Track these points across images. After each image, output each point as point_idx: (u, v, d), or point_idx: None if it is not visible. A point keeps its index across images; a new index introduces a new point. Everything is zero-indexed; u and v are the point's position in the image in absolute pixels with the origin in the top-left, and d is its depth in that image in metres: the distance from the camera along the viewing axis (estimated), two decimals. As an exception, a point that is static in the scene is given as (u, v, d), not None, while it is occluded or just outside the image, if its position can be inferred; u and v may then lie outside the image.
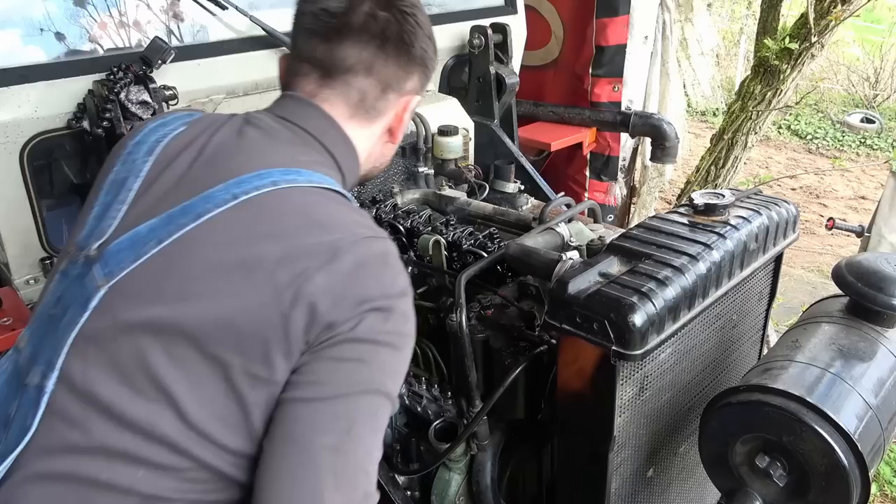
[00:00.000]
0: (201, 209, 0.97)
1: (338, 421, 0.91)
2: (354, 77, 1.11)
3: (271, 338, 0.91)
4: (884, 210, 3.12)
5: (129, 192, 1.03)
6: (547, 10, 3.68)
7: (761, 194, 1.45)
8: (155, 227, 0.98)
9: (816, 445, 1.07)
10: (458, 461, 1.58)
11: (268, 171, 1.00)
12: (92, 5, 1.82)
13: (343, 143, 1.14)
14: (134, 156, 1.07)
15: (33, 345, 1.00)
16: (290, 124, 1.10)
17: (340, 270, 0.94)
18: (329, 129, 1.12)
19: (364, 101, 1.13)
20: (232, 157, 1.04)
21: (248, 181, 0.99)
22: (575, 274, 1.20)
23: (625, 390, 1.21)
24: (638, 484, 1.38)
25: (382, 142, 1.22)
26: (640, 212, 3.98)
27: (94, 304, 0.95)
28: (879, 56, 9.48)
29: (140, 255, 0.96)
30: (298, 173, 1.03)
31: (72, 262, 1.02)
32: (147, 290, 0.95)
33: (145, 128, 1.12)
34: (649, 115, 3.45)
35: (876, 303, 1.25)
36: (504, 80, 2.48)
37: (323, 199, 1.03)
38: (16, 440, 0.92)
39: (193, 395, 0.92)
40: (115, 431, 0.91)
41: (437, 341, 1.61)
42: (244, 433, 0.94)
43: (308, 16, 1.11)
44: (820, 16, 3.21)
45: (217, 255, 0.94)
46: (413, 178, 2.09)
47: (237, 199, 0.97)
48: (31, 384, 0.95)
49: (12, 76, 1.66)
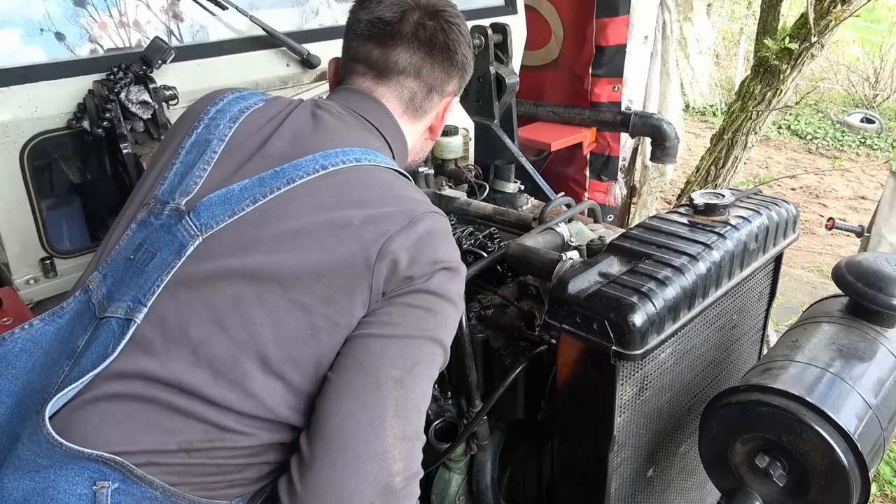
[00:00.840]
0: (293, 174, 1.08)
1: (404, 358, 1.01)
2: (406, 78, 1.25)
3: (356, 288, 1.02)
4: (884, 210, 3.12)
5: (213, 154, 1.13)
6: (547, 10, 3.68)
7: (761, 194, 1.45)
8: (248, 187, 1.08)
9: (816, 445, 1.07)
10: (458, 461, 1.58)
11: (350, 149, 1.13)
12: (92, 5, 1.82)
13: (398, 135, 1.28)
14: (218, 121, 1.17)
15: (110, 286, 1.07)
16: (355, 114, 1.22)
17: (416, 234, 1.06)
18: (388, 122, 1.25)
19: (413, 99, 1.27)
20: (313, 134, 1.15)
21: (335, 155, 1.11)
22: (575, 274, 1.20)
23: (625, 390, 1.21)
24: (638, 484, 1.38)
25: (424, 138, 1.37)
26: (641, 212, 3.98)
27: (190, 251, 1.04)
28: (879, 56, 9.49)
29: (236, 212, 1.06)
30: (375, 154, 1.15)
31: (153, 213, 1.10)
32: (244, 242, 1.04)
33: (224, 97, 1.22)
34: (649, 115, 3.45)
35: (876, 303, 1.25)
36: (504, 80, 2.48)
37: (397, 177, 1.16)
38: (93, 364, 0.99)
39: (276, 338, 1.00)
40: (193, 368, 0.99)
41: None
42: (312, 374, 1.02)
43: (364, 23, 1.24)
44: (820, 16, 3.21)
45: (309, 215, 1.05)
46: (413, 179, 2.08)
47: (326, 169, 1.09)
48: (113, 317, 1.02)
49: (12, 76, 1.66)
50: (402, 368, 1.00)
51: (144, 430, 0.97)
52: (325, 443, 0.96)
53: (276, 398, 1.01)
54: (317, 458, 0.95)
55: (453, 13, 1.28)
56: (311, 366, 1.02)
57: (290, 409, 1.02)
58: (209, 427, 0.99)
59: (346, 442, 0.95)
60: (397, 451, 0.97)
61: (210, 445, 0.99)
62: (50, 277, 1.87)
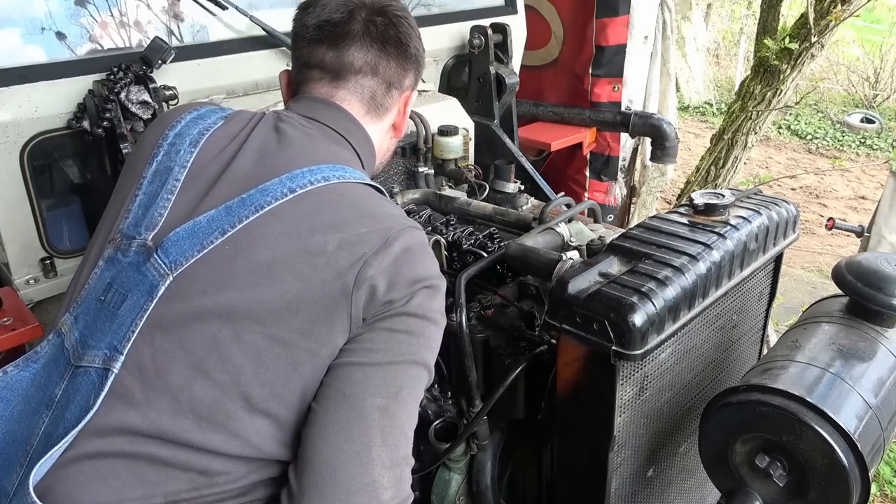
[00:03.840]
0: (261, 201, 1.05)
1: (388, 385, 0.99)
2: (363, 77, 1.22)
3: (335, 318, 1.00)
4: (884, 210, 3.12)
5: (176, 183, 1.09)
6: (547, 10, 3.68)
7: (761, 194, 1.45)
8: (215, 218, 1.04)
9: (816, 445, 1.07)
10: (458, 461, 1.58)
11: (318, 168, 1.09)
12: (92, 5, 1.82)
13: (365, 141, 1.25)
14: (178, 147, 1.13)
15: (82, 329, 1.04)
16: (319, 124, 1.19)
17: (393, 254, 1.04)
18: (354, 129, 1.23)
19: (374, 98, 1.25)
20: (278, 151, 1.12)
21: (302, 176, 1.07)
22: (575, 274, 1.20)
23: (625, 390, 1.21)
24: (638, 484, 1.38)
25: (388, 137, 1.34)
26: (641, 212, 3.98)
27: (161, 291, 1.01)
28: (879, 56, 9.48)
29: (205, 245, 1.02)
30: (343, 169, 1.12)
31: (120, 250, 1.07)
32: (216, 278, 1.01)
33: (182, 118, 1.18)
34: (649, 115, 3.45)
35: (876, 303, 1.25)
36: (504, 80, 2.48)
37: (368, 192, 1.14)
38: (76, 420, 0.96)
39: (258, 378, 0.98)
40: (175, 415, 0.97)
41: (437, 341, 1.60)
42: (297, 407, 1.01)
43: (312, 28, 1.21)
44: (820, 16, 3.21)
45: (281, 244, 1.02)
46: (413, 178, 2.09)
47: (294, 192, 1.05)
48: (91, 367, 1.00)
49: (12, 76, 1.66)
50: (387, 396, 0.99)
51: (129, 486, 0.95)
52: (312, 477, 0.95)
53: (264, 436, 0.99)
54: (305, 492, 0.95)
55: (399, 7, 1.26)
56: (296, 398, 1.00)
57: (278, 444, 1.01)
58: (195, 475, 0.97)
59: (334, 476, 0.94)
60: (386, 480, 0.96)
61: (197, 494, 0.97)
62: (50, 277, 1.88)
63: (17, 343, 1.65)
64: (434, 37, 2.46)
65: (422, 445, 1.64)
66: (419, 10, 2.54)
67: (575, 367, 1.24)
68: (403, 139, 2.06)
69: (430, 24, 2.46)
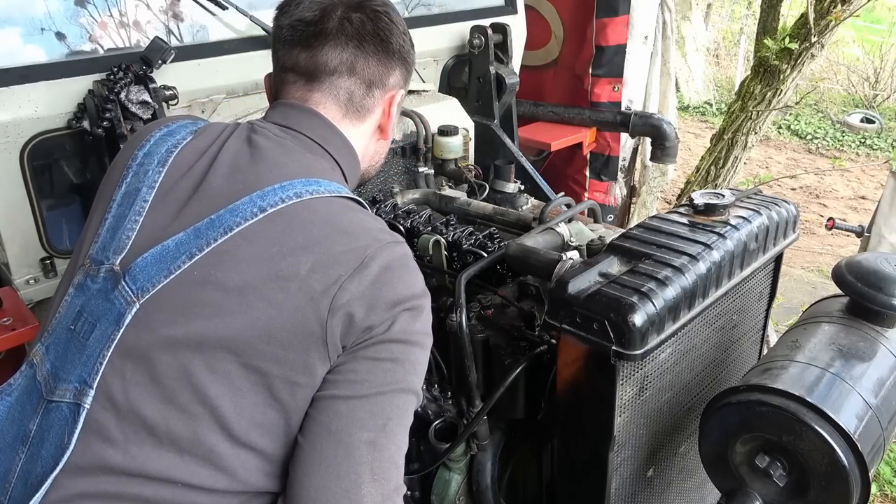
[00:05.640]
0: (230, 222, 1.00)
1: (374, 417, 0.96)
2: (339, 78, 1.16)
3: (310, 346, 0.95)
4: (884, 210, 3.12)
5: (144, 204, 1.05)
6: (547, 10, 3.68)
7: (761, 194, 1.45)
8: (183, 241, 0.99)
9: (816, 445, 1.07)
10: (458, 461, 1.58)
11: (290, 183, 1.04)
12: (92, 5, 1.82)
13: (344, 147, 1.18)
14: (146, 167, 1.09)
15: (53, 360, 1.00)
16: (294, 132, 1.14)
17: (370, 276, 0.98)
18: (331, 136, 1.16)
19: (352, 100, 1.18)
20: (250, 168, 1.07)
21: (273, 193, 1.02)
22: (575, 274, 1.20)
23: (625, 390, 1.21)
24: (638, 484, 1.38)
25: (375, 139, 1.27)
26: (641, 212, 3.98)
27: (128, 320, 0.96)
28: (879, 56, 9.48)
29: (172, 271, 0.98)
30: (318, 183, 1.06)
31: (89, 276, 1.02)
32: (185, 305, 0.96)
33: (151, 137, 1.13)
34: (649, 115, 3.45)
35: (876, 303, 1.25)
36: (504, 80, 2.48)
37: (343, 207, 1.07)
38: (53, 458, 0.93)
39: (236, 408, 0.94)
40: (157, 450, 0.93)
41: (437, 341, 1.60)
42: (284, 439, 0.98)
43: (285, 28, 1.16)
44: (820, 16, 3.21)
45: (252, 268, 0.97)
46: (413, 178, 2.09)
47: (264, 211, 1.00)
48: (62, 401, 0.96)
49: (12, 76, 1.66)
50: (374, 429, 0.95)
51: None
52: None
53: (251, 469, 0.97)
54: None
55: (380, 2, 1.19)
56: (280, 429, 0.97)
57: (266, 476, 0.98)
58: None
59: None
60: None
61: None
62: (50, 277, 1.87)
63: (17, 343, 1.66)
64: (434, 37, 2.46)
65: (422, 445, 1.64)
66: (419, 10, 2.54)
67: (575, 367, 1.23)
68: (403, 139, 2.06)
69: (430, 25, 2.46)
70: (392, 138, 1.35)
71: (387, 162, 2.01)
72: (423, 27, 2.39)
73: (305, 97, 1.17)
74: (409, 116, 2.04)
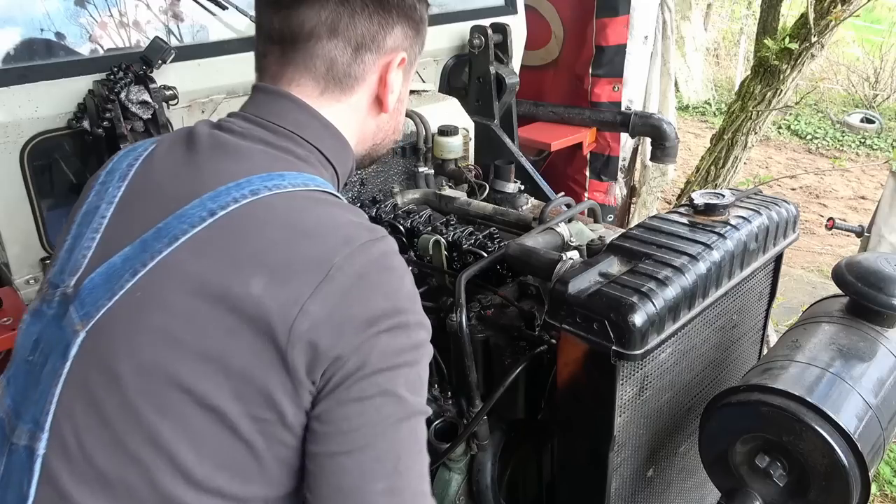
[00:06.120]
0: (176, 230, 0.86)
1: (384, 462, 0.85)
2: (317, 43, 0.96)
3: (270, 380, 0.82)
4: (884, 210, 3.12)
5: (102, 220, 0.94)
6: (547, 10, 3.68)
7: (761, 194, 1.45)
8: (129, 256, 0.87)
9: (816, 445, 1.07)
10: (458, 461, 1.58)
11: (247, 180, 0.89)
12: (92, 5, 1.82)
13: (324, 130, 1.01)
14: (107, 184, 0.99)
15: (13, 395, 0.91)
16: (264, 122, 0.98)
17: (339, 289, 0.83)
18: (306, 119, 0.99)
19: (333, 68, 0.98)
20: (206, 167, 0.93)
21: (226, 193, 0.88)
22: (575, 274, 1.20)
23: (625, 390, 1.21)
24: (638, 484, 1.38)
25: (374, 115, 1.06)
26: (641, 211, 3.98)
27: (74, 351, 0.85)
28: (879, 56, 9.48)
29: (115, 291, 0.85)
30: (281, 177, 0.91)
31: (46, 301, 0.92)
32: (128, 334, 0.84)
33: (117, 156, 1.04)
34: (649, 115, 3.45)
35: (876, 303, 1.25)
36: (504, 80, 2.48)
37: (310, 202, 0.91)
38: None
39: (196, 452, 0.83)
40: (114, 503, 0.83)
41: (437, 341, 1.60)
42: (257, 479, 0.87)
43: None
44: (820, 16, 3.21)
45: (199, 286, 0.83)
46: (413, 178, 2.09)
47: (214, 215, 0.86)
48: (19, 444, 0.86)
49: (12, 76, 1.66)
50: (387, 475, 0.84)
51: None
52: None
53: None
54: None
55: None
56: (251, 470, 0.86)
57: None
58: None
59: None
60: None
61: None
62: (50, 277, 1.87)
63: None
64: (434, 37, 2.45)
65: (422, 445, 1.64)
66: (419, 10, 2.54)
67: (575, 367, 1.23)
68: (403, 139, 2.06)
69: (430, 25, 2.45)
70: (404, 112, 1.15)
71: (387, 162, 2.02)
72: (423, 27, 2.40)
73: (278, 72, 0.99)
74: (409, 116, 2.04)
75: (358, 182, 1.95)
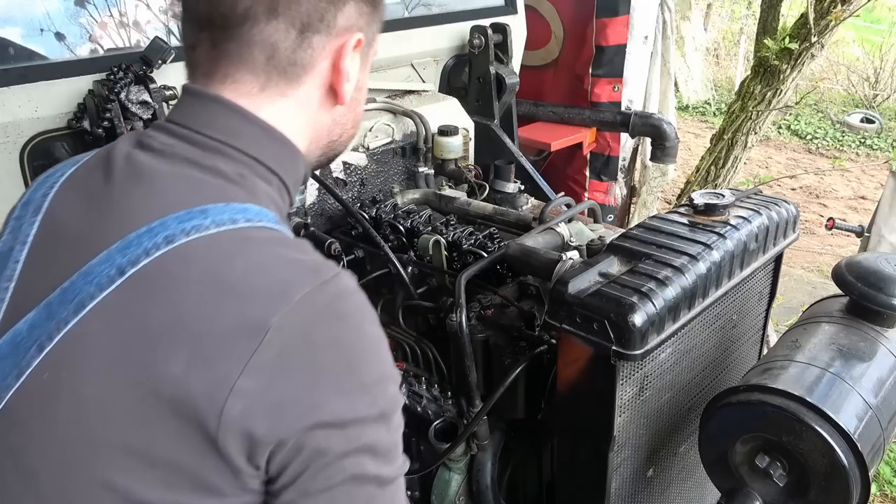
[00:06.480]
0: (82, 293, 0.73)
1: None
2: (254, 27, 0.81)
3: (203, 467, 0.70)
4: (884, 210, 3.12)
5: (15, 266, 0.80)
6: (547, 10, 3.68)
7: (761, 194, 1.45)
8: (35, 323, 0.74)
9: (816, 445, 1.07)
10: (458, 461, 1.58)
11: (161, 223, 0.74)
12: (92, 5, 1.82)
13: (264, 135, 0.85)
14: (21, 220, 0.84)
15: None
16: (190, 134, 0.83)
17: (278, 359, 0.69)
18: (242, 125, 0.84)
19: (275, 56, 0.83)
20: (118, 203, 0.78)
21: (136, 242, 0.73)
22: (575, 274, 1.20)
23: (625, 390, 1.21)
24: (638, 484, 1.38)
25: (327, 108, 0.91)
26: (641, 211, 3.98)
27: None
28: (879, 56, 9.49)
29: (23, 369, 0.72)
30: (203, 214, 0.76)
31: None
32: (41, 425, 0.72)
33: (35, 183, 0.90)
34: (649, 115, 3.45)
35: (876, 303, 1.25)
36: (504, 80, 2.48)
37: (237, 246, 0.75)
38: None
39: None
40: None
41: (437, 341, 1.61)
42: None
43: None
44: (820, 16, 3.21)
45: (111, 368, 0.70)
46: (413, 178, 2.09)
47: (123, 274, 0.72)
48: None
49: (12, 76, 1.66)
50: None
51: None
52: None
53: None
54: None
55: None
56: None
57: None
58: None
59: None
60: None
61: None
62: (50, 277, 1.87)
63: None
64: (434, 37, 2.46)
65: (422, 445, 1.64)
66: (419, 10, 2.54)
67: (575, 367, 1.23)
68: (403, 139, 2.06)
69: (430, 25, 2.45)
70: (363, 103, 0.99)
71: (387, 162, 2.02)
72: (423, 27, 2.39)
73: (211, 71, 0.84)
74: (409, 116, 2.04)
75: (358, 182, 1.95)
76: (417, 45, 2.37)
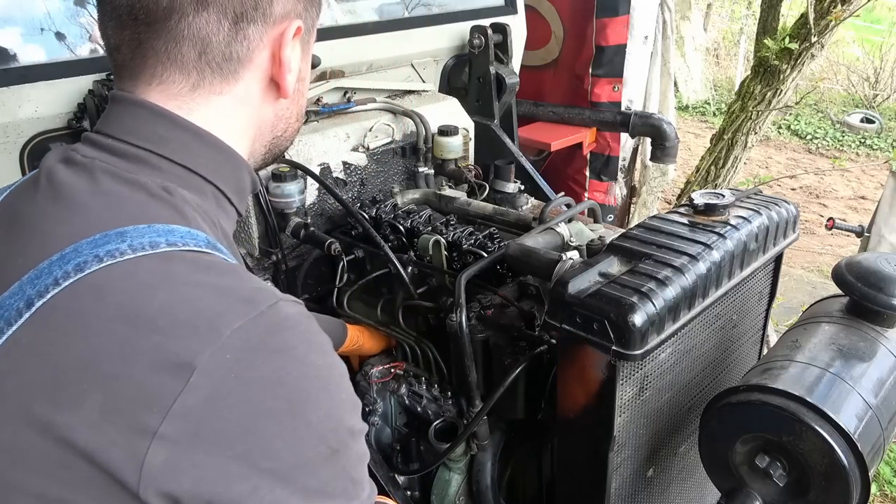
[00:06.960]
0: None
1: None
2: (181, 20, 0.73)
3: None
4: (884, 210, 3.12)
5: None
6: (547, 10, 3.68)
7: (761, 194, 1.45)
8: None
9: (816, 445, 1.07)
10: (458, 461, 1.58)
11: (73, 249, 0.66)
12: (92, 5, 1.82)
13: (195, 141, 0.79)
14: None
15: None
16: (112, 143, 0.76)
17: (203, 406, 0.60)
18: (167, 131, 0.77)
19: (207, 51, 0.76)
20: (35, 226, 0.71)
21: (47, 272, 0.66)
22: (575, 274, 1.20)
23: (625, 390, 1.21)
24: (638, 484, 1.38)
25: (270, 102, 0.85)
26: (641, 211, 3.98)
27: None
28: (879, 56, 9.49)
29: None
30: (121, 237, 0.67)
31: None
32: None
33: None
34: (649, 115, 3.45)
35: (876, 303, 1.25)
36: (504, 80, 2.48)
37: (160, 272, 0.67)
38: None
39: None
40: None
41: (437, 341, 1.61)
42: None
43: None
44: (820, 16, 3.22)
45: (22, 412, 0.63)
46: (413, 178, 2.09)
47: (32, 307, 0.65)
48: None
49: (12, 76, 1.66)
50: None
51: None
52: None
53: None
54: None
55: None
56: None
57: None
58: None
59: None
60: None
61: None
62: (50, 277, 1.87)
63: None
64: (434, 37, 2.46)
65: (422, 445, 1.64)
66: (419, 10, 2.54)
67: (575, 367, 1.23)
68: (403, 139, 2.06)
69: (430, 24, 2.46)
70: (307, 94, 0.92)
71: (387, 162, 2.02)
72: (423, 27, 2.39)
73: (137, 72, 0.77)
74: (409, 116, 2.04)
75: (358, 182, 1.95)
76: (417, 45, 2.37)
